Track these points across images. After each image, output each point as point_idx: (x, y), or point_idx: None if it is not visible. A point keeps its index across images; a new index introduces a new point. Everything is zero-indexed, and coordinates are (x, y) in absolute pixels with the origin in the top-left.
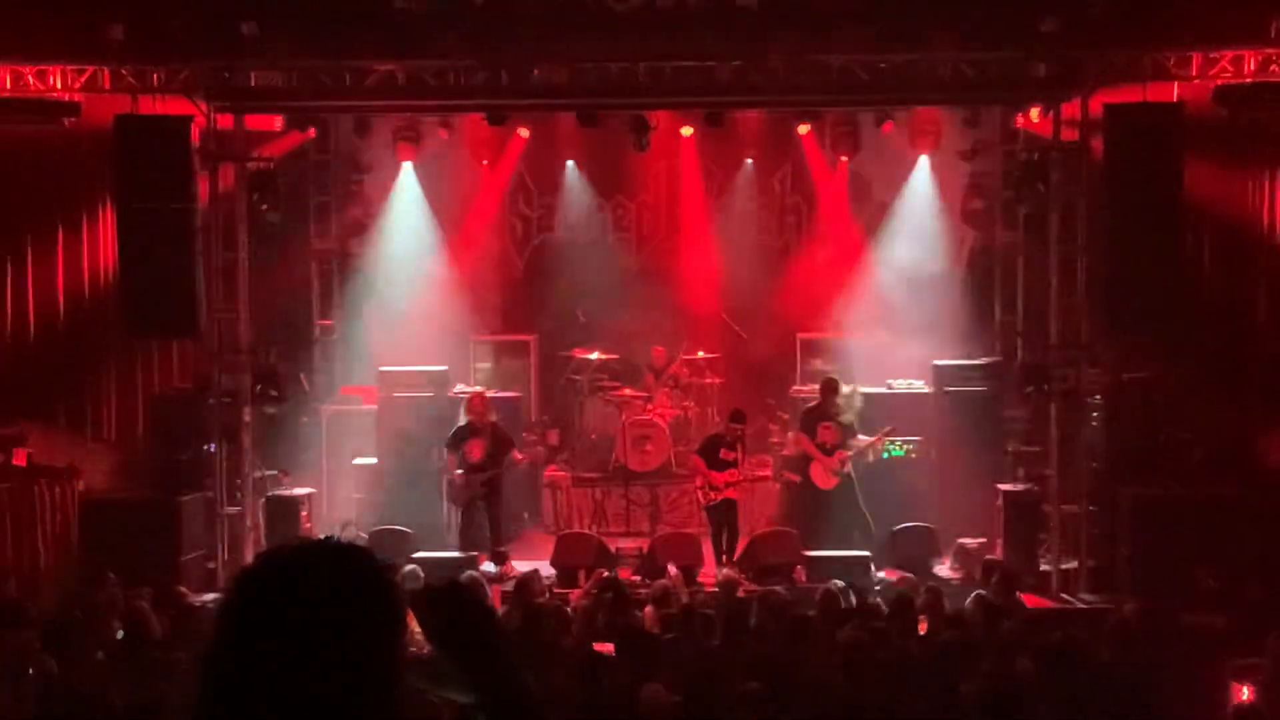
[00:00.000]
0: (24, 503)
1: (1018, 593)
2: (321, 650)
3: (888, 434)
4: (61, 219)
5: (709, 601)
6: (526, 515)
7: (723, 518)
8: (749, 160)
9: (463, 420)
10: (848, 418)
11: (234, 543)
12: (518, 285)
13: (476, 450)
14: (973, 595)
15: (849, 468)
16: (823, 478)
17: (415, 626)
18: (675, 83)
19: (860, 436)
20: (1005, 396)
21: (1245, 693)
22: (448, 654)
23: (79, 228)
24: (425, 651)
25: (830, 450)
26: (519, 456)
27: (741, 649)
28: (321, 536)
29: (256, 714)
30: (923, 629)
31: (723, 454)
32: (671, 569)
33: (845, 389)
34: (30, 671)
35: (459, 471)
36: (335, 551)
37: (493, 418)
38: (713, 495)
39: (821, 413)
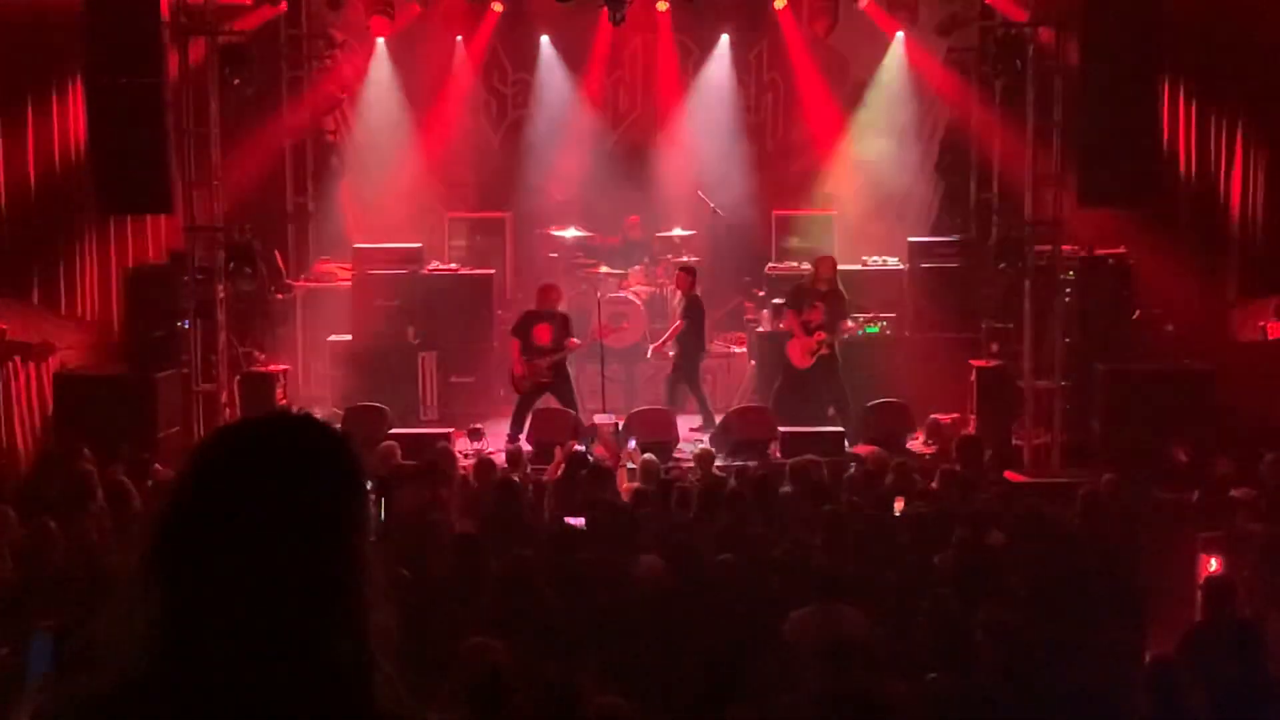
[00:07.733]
0: None
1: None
2: (279, 515)
3: (868, 321)
4: (31, 93)
5: (684, 475)
6: (503, 393)
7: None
8: (725, 36)
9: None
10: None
11: (209, 420)
12: (493, 162)
13: (545, 335)
14: (945, 469)
15: (826, 350)
16: (799, 356)
17: None
18: None
19: (847, 322)
20: (979, 273)
21: (1214, 564)
22: None
23: (49, 102)
24: None
25: (812, 330)
26: (574, 343)
27: (717, 522)
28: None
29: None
30: (899, 507)
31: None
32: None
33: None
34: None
35: (522, 358)
36: (297, 421)
37: (562, 306)
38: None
39: (813, 291)
